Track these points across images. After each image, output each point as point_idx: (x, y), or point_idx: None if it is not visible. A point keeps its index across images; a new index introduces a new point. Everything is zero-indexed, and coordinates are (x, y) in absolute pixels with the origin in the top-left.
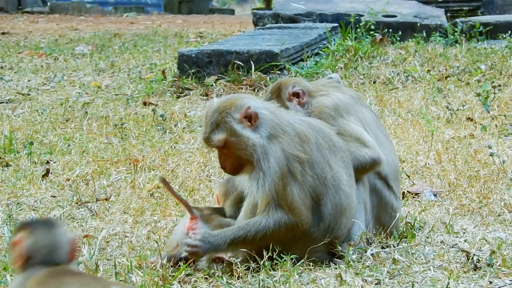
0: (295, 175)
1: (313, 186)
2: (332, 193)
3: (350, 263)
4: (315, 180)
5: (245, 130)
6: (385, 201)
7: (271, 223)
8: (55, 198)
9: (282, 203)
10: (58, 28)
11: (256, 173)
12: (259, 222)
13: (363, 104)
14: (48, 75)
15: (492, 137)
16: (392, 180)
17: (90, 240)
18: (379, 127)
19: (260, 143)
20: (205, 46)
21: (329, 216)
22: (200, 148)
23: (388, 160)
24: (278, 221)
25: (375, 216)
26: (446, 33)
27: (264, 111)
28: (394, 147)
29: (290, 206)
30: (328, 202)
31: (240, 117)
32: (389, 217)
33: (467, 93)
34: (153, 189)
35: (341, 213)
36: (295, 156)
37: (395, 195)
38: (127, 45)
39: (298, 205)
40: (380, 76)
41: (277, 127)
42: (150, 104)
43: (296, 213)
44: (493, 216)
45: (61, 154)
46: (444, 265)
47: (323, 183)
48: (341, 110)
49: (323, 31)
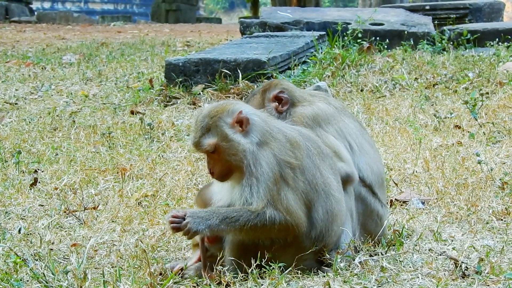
0: (287, 181)
1: (305, 192)
2: (323, 199)
3: (338, 271)
4: (307, 185)
5: (237, 135)
6: (371, 208)
7: (266, 217)
8: (43, 207)
9: (279, 206)
10: (45, 37)
11: (247, 179)
12: (255, 212)
13: (347, 115)
14: (36, 84)
15: (480, 145)
16: (377, 188)
17: (78, 248)
18: (363, 136)
19: (250, 148)
20: (192, 55)
21: (321, 223)
22: (187, 157)
23: (373, 168)
24: (273, 218)
25: (361, 224)
26: (434, 41)
27: (255, 117)
28: (380, 155)
29: (287, 209)
30: (320, 209)
31: (232, 122)
32: (375, 224)
33: (454, 101)
34: (140, 197)
35: (332, 219)
36: (287, 162)
37: (380, 202)
38: (114, 54)
39: (295, 209)
40: (367, 84)
41: (267, 133)
42: (138, 113)
43: (293, 216)
44: (481, 224)
45: (49, 163)
46: (432, 273)
47: (314, 189)
48: (320, 120)
49: (310, 40)
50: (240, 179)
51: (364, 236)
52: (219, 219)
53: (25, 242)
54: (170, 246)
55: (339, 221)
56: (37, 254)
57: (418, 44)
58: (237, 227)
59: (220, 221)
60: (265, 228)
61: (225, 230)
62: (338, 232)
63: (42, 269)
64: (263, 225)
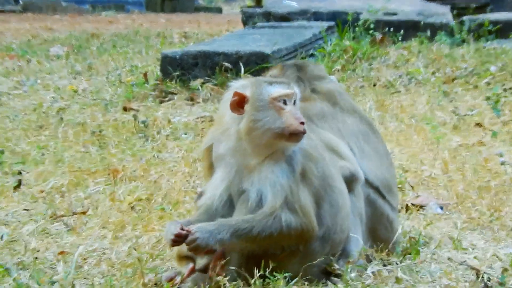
0: (307, 175)
1: (317, 188)
2: (328, 193)
3: (349, 281)
4: (320, 180)
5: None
6: (380, 212)
7: (282, 222)
8: (28, 212)
9: (296, 204)
10: (31, 28)
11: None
12: (268, 219)
13: (353, 115)
14: (20, 78)
15: (503, 144)
16: (386, 192)
17: (66, 257)
18: (368, 140)
19: None
20: (190, 47)
21: (327, 217)
22: (185, 157)
23: (376, 174)
24: (289, 223)
25: (370, 229)
26: (452, 32)
27: None
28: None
29: (302, 208)
30: (324, 204)
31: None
32: (385, 229)
33: (475, 97)
34: (134, 201)
35: (337, 212)
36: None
37: (390, 205)
38: (105, 46)
39: (309, 208)
40: (380, 78)
41: None
42: (131, 110)
43: (308, 216)
44: (505, 231)
45: (34, 164)
46: (451, 284)
47: (322, 184)
48: (311, 114)
49: (318, 31)
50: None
51: (374, 243)
52: (230, 232)
53: (8, 249)
54: (166, 255)
55: (343, 213)
56: (21, 263)
57: (435, 36)
58: (250, 238)
59: (231, 234)
60: (280, 235)
61: (237, 243)
62: (344, 227)
63: (27, 279)
64: (279, 232)
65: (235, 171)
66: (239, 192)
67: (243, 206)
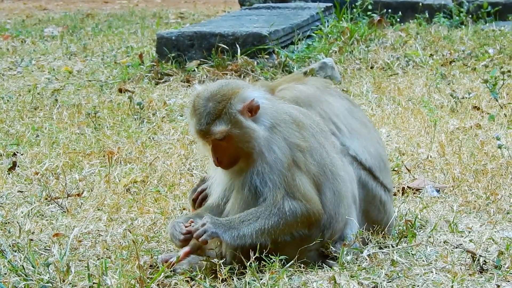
0: (299, 165)
1: (316, 175)
2: (331, 181)
3: (345, 264)
4: (317, 168)
5: (249, 122)
6: (373, 194)
7: (285, 211)
8: (23, 194)
9: (297, 194)
10: (25, 7)
11: (260, 166)
12: (274, 207)
13: (331, 94)
14: (15, 59)
15: (501, 128)
16: (379, 172)
17: (60, 239)
18: (353, 115)
19: (264, 135)
20: (187, 28)
21: (330, 206)
22: (180, 139)
23: (370, 151)
24: (294, 209)
25: (363, 210)
26: (451, 14)
27: (264, 101)
28: (379, 134)
29: (305, 196)
30: (327, 191)
31: (243, 109)
32: (378, 211)
33: (473, 80)
34: (129, 183)
35: (340, 201)
36: (296, 144)
37: (383, 187)
38: (101, 26)
39: (312, 194)
40: (378, 60)
41: (276, 116)
42: (126, 91)
43: (312, 202)
44: (501, 214)
45: (29, 145)
46: (447, 267)
47: (323, 171)
48: (300, 103)
49: (316, 12)
50: (247, 166)
51: (369, 225)
52: (245, 225)
53: (3, 231)
54: (161, 237)
55: (345, 202)
56: (16, 245)
57: (433, 17)
58: (260, 230)
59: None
60: (287, 223)
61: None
62: (344, 217)
63: (21, 261)
64: (285, 221)
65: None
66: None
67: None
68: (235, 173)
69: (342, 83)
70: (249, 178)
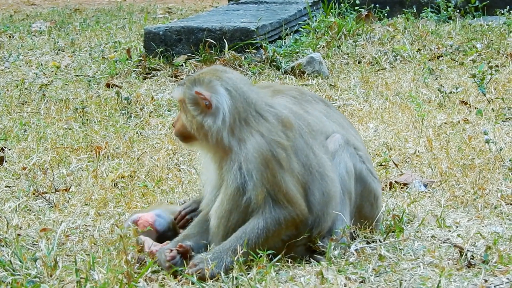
0: (280, 162)
1: (301, 174)
2: (319, 181)
3: (332, 259)
4: (301, 167)
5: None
6: (369, 189)
7: (269, 223)
8: (10, 189)
9: (279, 194)
10: (13, 2)
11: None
12: (256, 227)
13: (308, 100)
14: (2, 54)
15: (488, 123)
16: (371, 166)
17: (48, 234)
18: (330, 118)
19: (218, 126)
20: (174, 23)
21: (317, 206)
22: (168, 134)
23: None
24: (277, 218)
25: (357, 206)
26: (439, 9)
27: (227, 99)
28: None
29: (287, 196)
30: (316, 191)
31: (197, 95)
32: (370, 206)
33: (461, 74)
34: (117, 178)
35: (328, 201)
36: (277, 141)
37: (378, 182)
38: (88, 21)
39: (294, 193)
40: (365, 55)
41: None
42: (114, 86)
43: (294, 203)
44: (488, 209)
45: (16, 140)
46: (435, 262)
47: (308, 171)
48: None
49: (304, 6)
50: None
51: (358, 220)
52: (229, 255)
53: None
54: None
55: (334, 203)
56: (4, 240)
57: (421, 12)
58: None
59: (231, 255)
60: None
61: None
62: (332, 216)
63: (9, 256)
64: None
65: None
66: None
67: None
68: (219, 170)
69: (330, 77)
70: (230, 173)
